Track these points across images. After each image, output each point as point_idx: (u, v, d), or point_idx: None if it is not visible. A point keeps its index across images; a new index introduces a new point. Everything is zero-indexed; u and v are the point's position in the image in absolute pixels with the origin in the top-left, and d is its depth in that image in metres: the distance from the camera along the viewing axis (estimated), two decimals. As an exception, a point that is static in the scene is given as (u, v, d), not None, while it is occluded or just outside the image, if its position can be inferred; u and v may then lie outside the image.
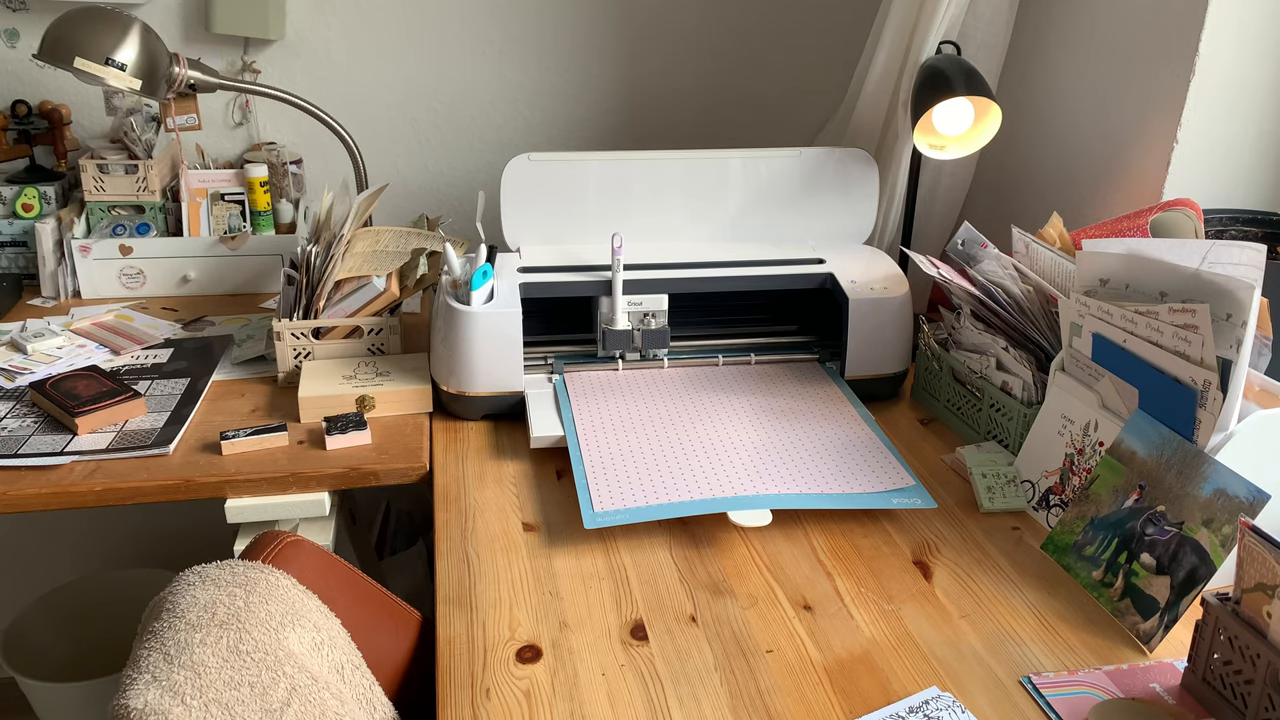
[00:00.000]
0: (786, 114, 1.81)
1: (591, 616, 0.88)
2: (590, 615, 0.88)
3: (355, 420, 1.14)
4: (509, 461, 1.13)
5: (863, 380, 1.25)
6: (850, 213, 1.38)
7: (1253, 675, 0.73)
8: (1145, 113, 1.27)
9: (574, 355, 1.27)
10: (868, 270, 1.28)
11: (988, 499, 1.05)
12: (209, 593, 0.79)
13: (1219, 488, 0.83)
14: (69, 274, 1.53)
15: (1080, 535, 0.94)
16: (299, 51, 1.65)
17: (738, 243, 1.35)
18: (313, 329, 1.26)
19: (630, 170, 1.34)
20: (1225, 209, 1.22)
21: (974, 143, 1.33)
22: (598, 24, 1.70)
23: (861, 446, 1.10)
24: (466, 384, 1.18)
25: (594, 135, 1.77)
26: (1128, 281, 0.96)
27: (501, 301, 1.18)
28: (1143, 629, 0.85)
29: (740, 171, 1.35)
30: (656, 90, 1.76)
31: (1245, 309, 0.84)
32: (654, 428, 1.13)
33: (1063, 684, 0.80)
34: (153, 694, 0.70)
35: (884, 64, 1.46)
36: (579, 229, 1.32)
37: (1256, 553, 0.72)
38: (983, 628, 0.87)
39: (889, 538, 1.00)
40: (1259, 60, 1.20)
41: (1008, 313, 1.14)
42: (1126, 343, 0.94)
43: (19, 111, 1.59)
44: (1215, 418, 0.85)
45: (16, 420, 1.16)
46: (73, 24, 1.29)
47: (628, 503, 0.99)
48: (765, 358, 1.30)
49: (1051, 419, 1.04)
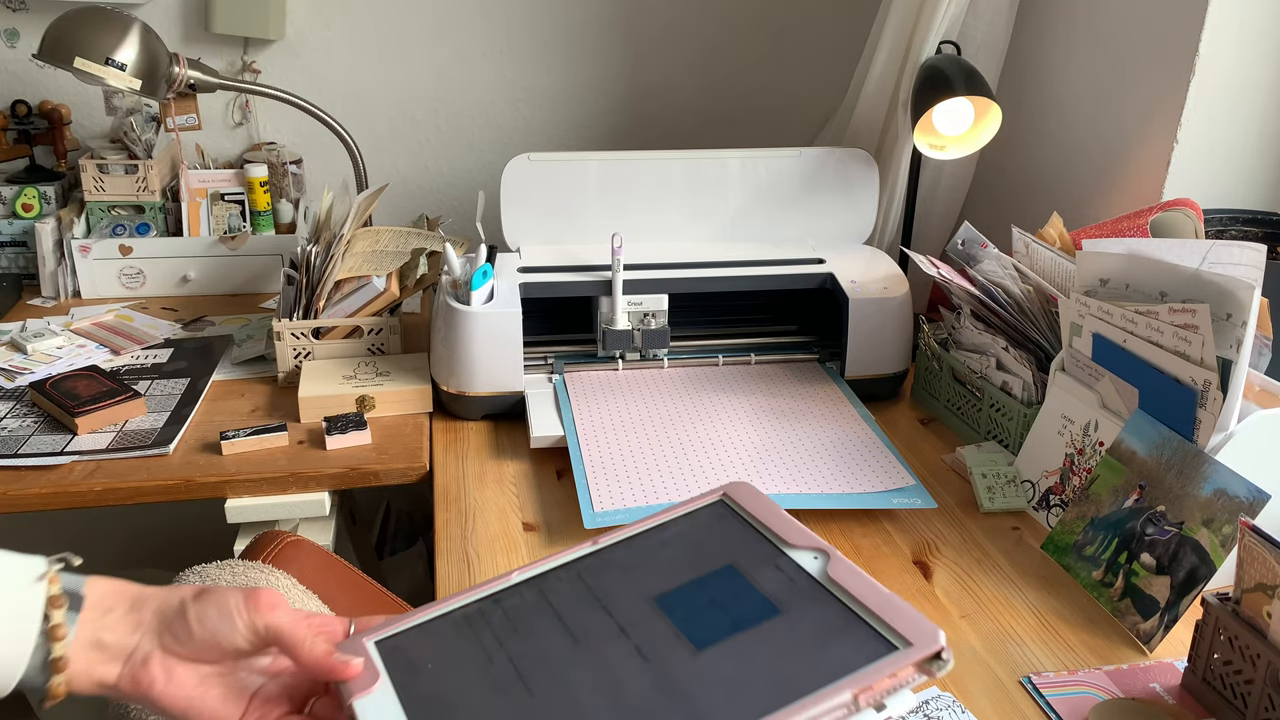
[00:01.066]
0: (786, 114, 1.81)
1: (591, 616, 0.88)
2: (590, 615, 0.88)
3: (355, 420, 1.14)
4: (509, 461, 1.13)
5: (863, 380, 1.25)
6: (850, 213, 1.38)
7: (1253, 675, 0.73)
8: (1145, 113, 1.27)
9: (574, 355, 1.27)
10: (868, 270, 1.28)
11: (988, 499, 1.05)
12: (209, 592, 0.79)
13: (1219, 488, 0.83)
14: (69, 274, 1.53)
15: (1080, 535, 0.94)
16: (299, 51, 1.65)
17: (738, 243, 1.35)
18: (313, 329, 1.26)
19: (630, 170, 1.34)
20: (1225, 209, 1.22)
21: (974, 143, 1.33)
22: (598, 24, 1.70)
23: (861, 446, 1.10)
24: (466, 384, 1.18)
25: (594, 135, 1.77)
26: (1128, 281, 0.96)
27: (501, 301, 1.18)
28: (1143, 629, 0.85)
29: (740, 171, 1.35)
30: (656, 90, 1.76)
31: (1245, 309, 0.84)
32: (654, 428, 1.13)
33: (1063, 684, 0.80)
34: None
35: (884, 64, 1.46)
36: (579, 229, 1.32)
37: (1256, 553, 0.72)
38: (983, 628, 0.87)
39: (889, 538, 1.00)
40: (1259, 61, 1.20)
41: (1008, 313, 1.14)
42: (1126, 343, 0.94)
43: (19, 111, 1.59)
44: (1215, 418, 0.85)
45: (16, 420, 1.16)
46: (73, 24, 1.29)
47: (628, 503, 0.99)
48: (765, 358, 1.30)
49: (1051, 419, 1.04)
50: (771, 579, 0.58)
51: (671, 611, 0.57)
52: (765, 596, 0.57)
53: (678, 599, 0.57)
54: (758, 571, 0.58)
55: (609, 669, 0.54)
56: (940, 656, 0.51)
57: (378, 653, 0.58)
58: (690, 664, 0.53)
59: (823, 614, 0.54)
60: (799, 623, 0.54)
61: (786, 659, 0.52)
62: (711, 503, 0.66)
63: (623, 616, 0.57)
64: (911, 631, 0.51)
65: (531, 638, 0.57)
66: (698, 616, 0.56)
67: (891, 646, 0.51)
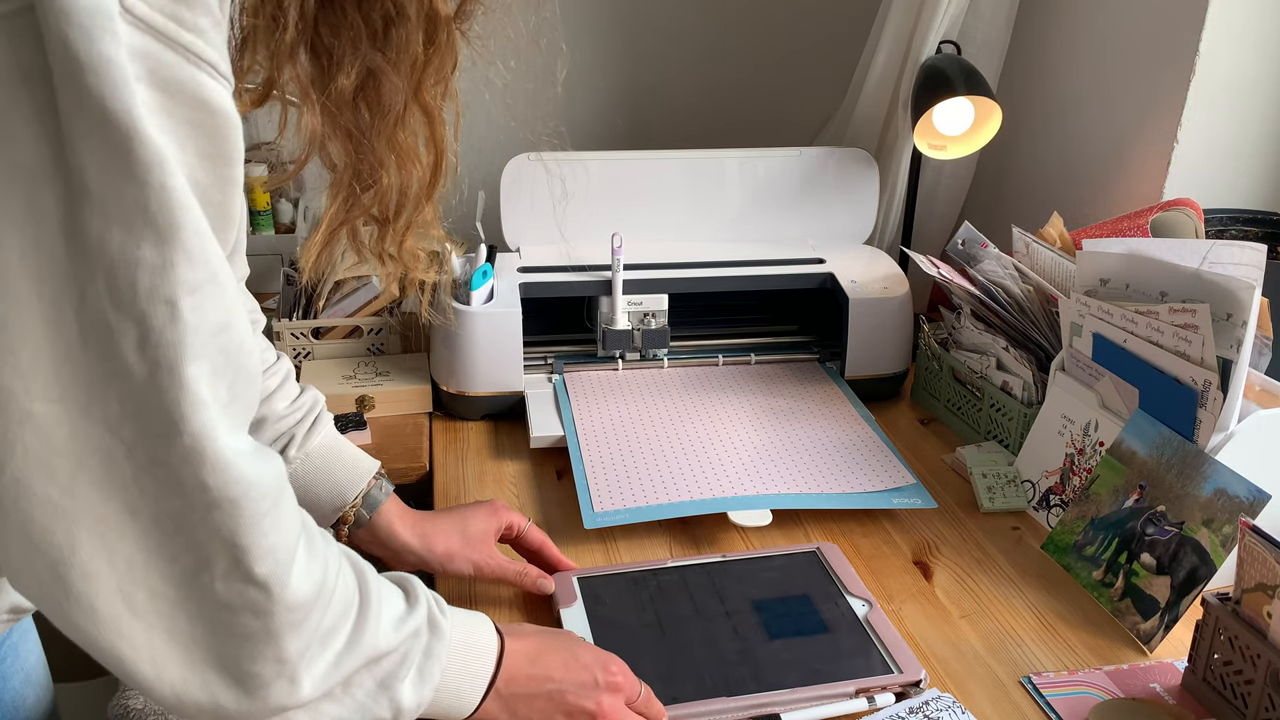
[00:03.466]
0: (786, 114, 1.80)
1: (591, 616, 0.88)
2: (590, 615, 0.88)
3: (355, 420, 1.14)
4: (509, 461, 1.13)
5: (863, 380, 1.25)
6: (850, 213, 1.38)
7: (1253, 675, 0.73)
8: (1145, 112, 1.27)
9: (574, 355, 1.27)
10: (868, 270, 1.28)
11: (988, 499, 1.05)
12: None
13: (1219, 487, 0.83)
14: (69, 274, 1.52)
15: (1080, 535, 0.94)
16: (299, 51, 1.65)
17: (738, 243, 1.35)
18: (313, 329, 1.26)
19: (630, 170, 1.34)
20: (1225, 209, 1.22)
21: (974, 143, 1.33)
22: (598, 24, 1.70)
23: (861, 446, 1.10)
24: (466, 384, 1.18)
25: (594, 135, 1.77)
26: (1128, 281, 0.96)
27: (501, 301, 1.18)
28: (1143, 629, 0.85)
29: (740, 171, 1.35)
30: (656, 90, 1.76)
31: (1245, 309, 0.84)
32: (654, 428, 1.13)
33: (1063, 684, 0.80)
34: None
35: (884, 64, 1.46)
36: (579, 229, 1.32)
37: (1256, 553, 0.72)
38: (983, 628, 0.87)
39: (889, 538, 1.00)
40: (1259, 60, 1.20)
41: (1008, 313, 1.14)
42: (1127, 343, 0.94)
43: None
44: (1215, 418, 0.85)
45: (16, 420, 1.16)
46: (73, 24, 1.29)
47: (628, 503, 0.99)
48: (765, 358, 1.30)
49: (1051, 419, 1.04)
50: (830, 610, 0.86)
51: (760, 611, 0.86)
52: (822, 620, 0.85)
53: (766, 605, 0.87)
54: (823, 604, 0.87)
55: (713, 634, 0.83)
56: (919, 684, 0.78)
57: (578, 585, 0.89)
58: (764, 646, 0.82)
59: (854, 640, 0.83)
60: (838, 641, 0.83)
61: (823, 659, 0.80)
62: (807, 550, 0.95)
63: (729, 605, 0.87)
64: (905, 664, 0.79)
65: (671, 602, 0.87)
66: (776, 619, 0.85)
67: (890, 669, 0.79)
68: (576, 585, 0.89)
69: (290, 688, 0.53)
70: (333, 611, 0.56)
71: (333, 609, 0.56)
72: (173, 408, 0.46)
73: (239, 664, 0.52)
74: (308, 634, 0.54)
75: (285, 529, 0.53)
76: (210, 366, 0.47)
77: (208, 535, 0.49)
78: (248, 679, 0.52)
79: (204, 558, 0.49)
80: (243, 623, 0.51)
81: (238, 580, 0.50)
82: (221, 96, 0.45)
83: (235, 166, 0.48)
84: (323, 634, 0.55)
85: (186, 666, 0.50)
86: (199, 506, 0.48)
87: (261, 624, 0.51)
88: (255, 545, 0.50)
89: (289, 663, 0.53)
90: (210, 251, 0.46)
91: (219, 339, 0.47)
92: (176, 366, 0.46)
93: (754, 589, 0.89)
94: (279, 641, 0.52)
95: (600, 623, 0.84)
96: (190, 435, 0.47)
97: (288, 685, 0.53)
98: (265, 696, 0.53)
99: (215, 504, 0.48)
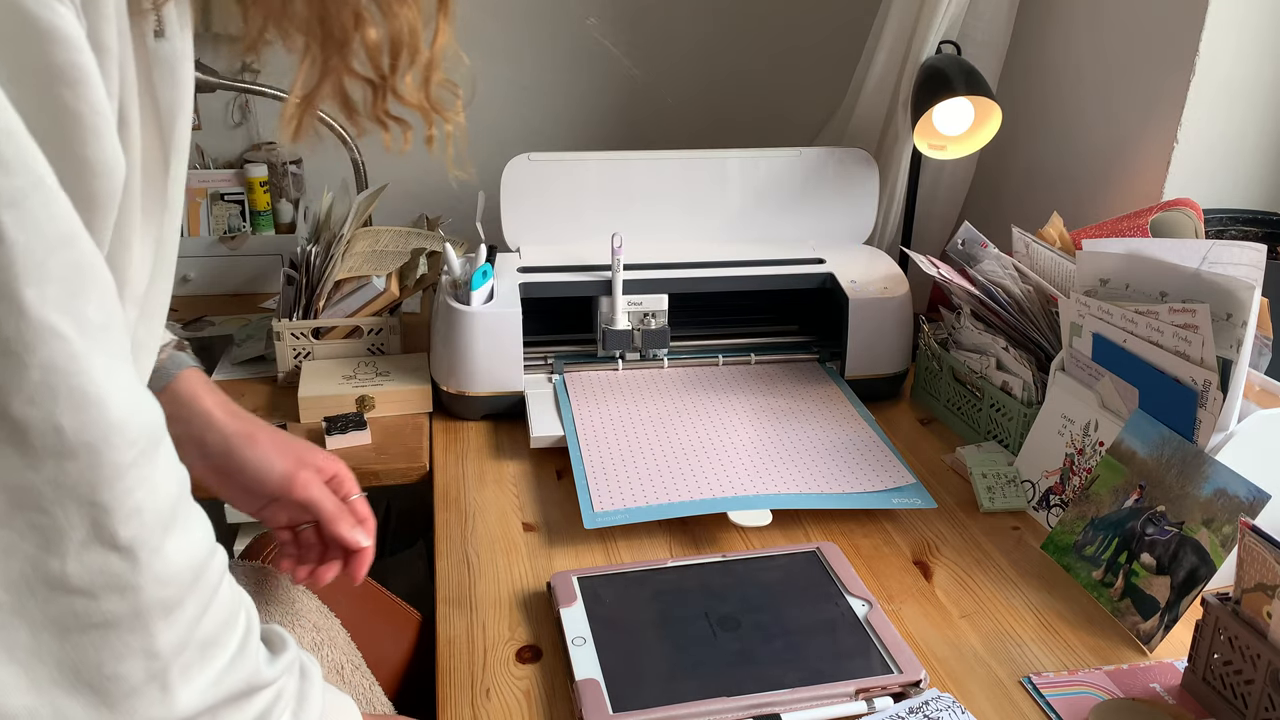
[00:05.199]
0: (786, 114, 1.80)
1: (591, 616, 0.88)
2: (590, 615, 0.88)
3: (355, 420, 1.14)
4: (509, 461, 1.13)
5: (863, 380, 1.25)
6: (850, 213, 1.38)
7: (1253, 675, 0.73)
8: (1145, 113, 1.27)
9: (574, 355, 1.27)
10: (868, 270, 1.28)
11: (988, 499, 1.05)
12: (209, 593, 0.79)
13: (1219, 488, 0.83)
14: (69, 274, 1.52)
15: (1080, 535, 0.94)
16: (299, 51, 1.65)
17: (738, 243, 1.35)
18: (313, 329, 1.26)
19: (630, 170, 1.34)
20: (1225, 209, 1.22)
21: (974, 143, 1.33)
22: (598, 23, 1.70)
23: (861, 446, 1.10)
24: (466, 384, 1.18)
25: (594, 135, 1.77)
26: (1128, 281, 0.96)
27: (501, 301, 1.18)
28: (1143, 629, 0.85)
29: (740, 171, 1.35)
30: (656, 89, 1.76)
31: (1245, 309, 0.84)
32: (654, 428, 1.13)
33: (1063, 684, 0.80)
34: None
35: (884, 64, 1.46)
36: (579, 229, 1.32)
37: (1256, 553, 0.72)
38: (983, 628, 0.87)
39: (889, 537, 1.00)
40: (1259, 60, 1.20)
41: (1008, 313, 1.14)
42: (1126, 343, 0.94)
43: (19, 111, 1.59)
44: (1215, 418, 0.85)
45: (16, 420, 1.15)
46: (72, 24, 1.29)
47: (628, 503, 0.99)
48: (765, 358, 1.30)
49: (1051, 419, 1.04)
50: (830, 610, 0.86)
51: (760, 611, 0.86)
52: (822, 620, 0.85)
53: (766, 605, 0.87)
54: (823, 604, 0.87)
55: (714, 630, 0.83)
56: (919, 684, 0.77)
57: (578, 585, 0.88)
58: (763, 646, 0.82)
59: (854, 640, 0.83)
60: (839, 640, 0.83)
61: (822, 659, 0.80)
62: (807, 550, 0.94)
63: (729, 605, 0.86)
64: (905, 664, 0.79)
65: (670, 602, 0.87)
66: (776, 620, 0.85)
67: (890, 669, 0.79)
68: (576, 585, 0.88)
69: (162, 697, 0.45)
70: (214, 615, 0.48)
71: (214, 611, 0.48)
72: (14, 340, 0.39)
73: (100, 669, 0.43)
74: (183, 626, 0.46)
75: (158, 487, 0.45)
76: (62, 289, 0.40)
77: (59, 496, 0.41)
78: (111, 687, 0.43)
79: (54, 533, 0.41)
80: (104, 609, 0.43)
81: (98, 548, 0.42)
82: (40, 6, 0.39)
83: (75, 89, 0.40)
84: (202, 640, 0.47)
85: (31, 692, 0.42)
86: (49, 459, 0.40)
87: (127, 605, 0.43)
88: (118, 503, 0.42)
89: (160, 658, 0.45)
90: (30, 156, 0.39)
91: (64, 254, 0.40)
92: (8, 291, 0.39)
93: (754, 589, 0.89)
94: (148, 627, 0.44)
95: (600, 623, 0.83)
96: (39, 369, 0.40)
97: (159, 694, 0.45)
98: (132, 709, 0.44)
99: (70, 452, 0.41)
